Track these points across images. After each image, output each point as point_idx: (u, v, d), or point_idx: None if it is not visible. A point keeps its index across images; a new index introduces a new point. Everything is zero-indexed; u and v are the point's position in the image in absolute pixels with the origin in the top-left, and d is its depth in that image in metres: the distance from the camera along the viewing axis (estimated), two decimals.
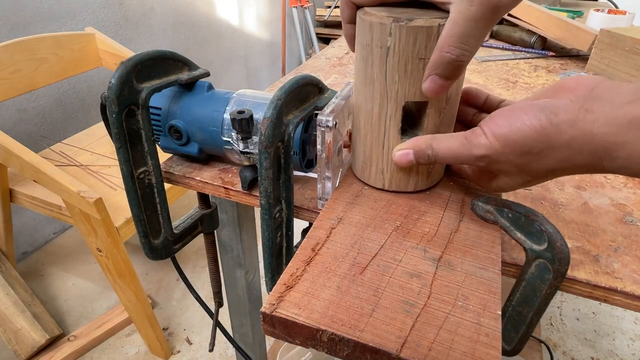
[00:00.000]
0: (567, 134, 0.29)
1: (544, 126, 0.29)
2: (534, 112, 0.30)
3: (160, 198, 0.46)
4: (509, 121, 0.31)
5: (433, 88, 0.33)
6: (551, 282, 0.31)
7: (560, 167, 0.31)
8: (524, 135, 0.30)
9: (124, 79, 0.38)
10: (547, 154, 0.30)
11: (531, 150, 0.30)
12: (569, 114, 0.29)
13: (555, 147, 0.29)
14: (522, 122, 0.30)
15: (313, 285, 0.29)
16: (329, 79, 0.80)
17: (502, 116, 0.31)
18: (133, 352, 1.26)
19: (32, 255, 1.59)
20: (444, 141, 0.34)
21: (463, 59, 0.31)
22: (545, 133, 0.29)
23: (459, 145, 0.33)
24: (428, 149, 0.35)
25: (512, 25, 1.07)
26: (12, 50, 1.11)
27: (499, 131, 0.31)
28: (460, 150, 0.33)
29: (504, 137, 0.31)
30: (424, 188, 0.40)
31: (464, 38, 0.30)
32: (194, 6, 2.12)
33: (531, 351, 1.05)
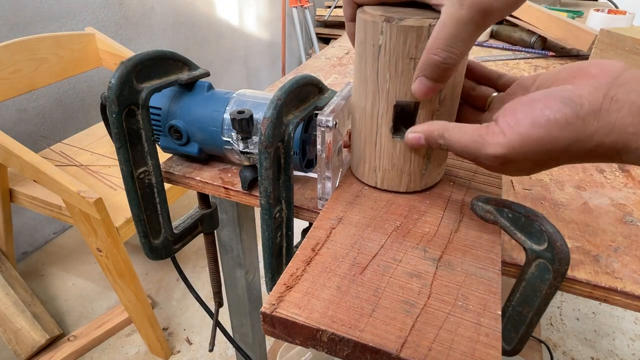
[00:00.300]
0: (592, 126, 0.27)
1: (569, 121, 0.27)
2: (558, 105, 0.28)
3: (160, 198, 0.46)
4: (531, 117, 0.28)
5: (421, 89, 0.33)
6: (551, 282, 0.31)
7: (580, 159, 0.29)
8: (548, 133, 0.28)
9: (124, 79, 0.38)
10: (570, 149, 0.28)
11: (555, 148, 0.28)
12: (594, 104, 0.27)
13: (579, 141, 0.28)
14: (546, 117, 0.28)
15: (313, 285, 0.29)
16: (329, 79, 0.80)
17: (522, 110, 0.29)
18: (133, 352, 1.26)
19: (32, 255, 1.59)
20: (457, 133, 0.33)
21: (450, 62, 0.31)
22: (571, 129, 0.27)
23: (471, 142, 0.32)
24: (440, 138, 0.34)
25: (512, 25, 1.07)
26: (12, 50, 1.11)
27: (519, 129, 0.29)
28: (472, 147, 0.32)
29: (525, 135, 0.29)
30: (417, 189, 0.40)
31: (452, 41, 0.30)
32: (194, 6, 2.12)
33: (531, 351, 1.05)
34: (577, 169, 0.53)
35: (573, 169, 0.53)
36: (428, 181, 0.40)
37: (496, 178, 0.43)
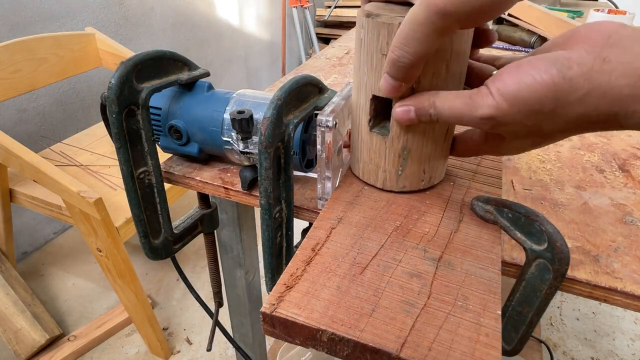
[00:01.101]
0: (582, 88, 0.26)
1: (555, 82, 0.26)
2: (544, 66, 0.27)
3: (160, 198, 0.46)
4: (517, 78, 0.28)
5: (384, 86, 0.33)
6: (551, 282, 0.31)
7: (574, 125, 0.28)
8: (533, 93, 0.27)
9: (124, 79, 0.38)
10: (560, 112, 0.27)
11: (542, 109, 0.28)
12: (583, 66, 0.26)
13: (569, 103, 0.27)
14: (531, 78, 0.27)
15: (313, 285, 0.29)
16: (329, 79, 0.80)
17: (509, 73, 0.29)
18: (133, 352, 1.26)
19: (32, 255, 1.59)
20: (448, 100, 0.32)
21: (404, 61, 0.30)
22: (558, 89, 0.27)
23: (462, 105, 0.31)
24: (430, 108, 0.32)
25: (512, 25, 1.07)
26: (12, 50, 1.11)
27: (506, 89, 0.28)
28: (464, 110, 0.31)
29: (512, 96, 0.28)
30: (394, 190, 0.40)
31: (406, 39, 0.29)
32: (194, 6, 2.12)
33: (531, 351, 1.05)
34: (577, 169, 0.53)
35: (573, 168, 0.53)
36: (406, 184, 0.39)
37: (496, 178, 0.43)
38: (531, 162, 0.54)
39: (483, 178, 0.43)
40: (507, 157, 0.55)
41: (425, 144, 0.37)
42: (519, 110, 0.28)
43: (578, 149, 0.58)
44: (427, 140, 0.37)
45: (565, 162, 0.54)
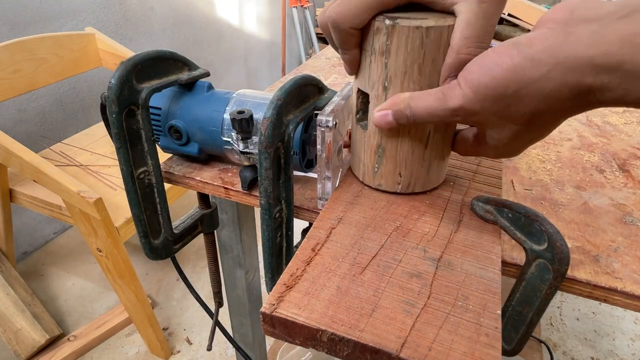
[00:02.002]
0: (546, 64, 0.25)
1: (515, 62, 0.26)
2: (505, 49, 0.27)
3: (160, 198, 0.46)
4: (480, 65, 0.28)
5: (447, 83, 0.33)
6: (551, 282, 0.31)
7: (546, 106, 0.27)
8: (494, 76, 0.27)
9: (124, 79, 0.38)
10: (525, 92, 0.27)
11: (505, 92, 0.27)
12: (545, 41, 0.25)
13: (532, 82, 0.26)
14: (493, 62, 0.27)
15: (313, 286, 0.29)
16: (329, 79, 0.80)
17: (474, 61, 0.29)
18: (133, 352, 1.26)
19: (32, 255, 1.59)
20: (422, 98, 0.32)
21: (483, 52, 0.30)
22: (519, 69, 0.26)
23: (435, 100, 0.31)
24: (406, 109, 0.32)
25: (513, 25, 1.07)
26: (12, 50, 1.11)
27: (470, 77, 0.29)
28: (436, 106, 0.31)
29: (475, 83, 0.28)
30: (371, 186, 0.40)
31: (482, 37, 0.30)
32: (194, 6, 2.12)
33: (531, 351, 1.05)
34: (577, 169, 0.53)
35: (573, 168, 0.53)
36: (382, 182, 0.39)
37: (496, 178, 0.43)
38: (531, 162, 0.54)
39: (483, 178, 0.43)
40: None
41: (401, 146, 0.37)
42: (484, 95, 0.28)
43: (578, 149, 0.58)
44: (402, 142, 0.37)
45: (565, 162, 0.54)
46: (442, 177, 0.41)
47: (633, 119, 0.67)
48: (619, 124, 0.65)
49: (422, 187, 0.40)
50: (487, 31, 0.30)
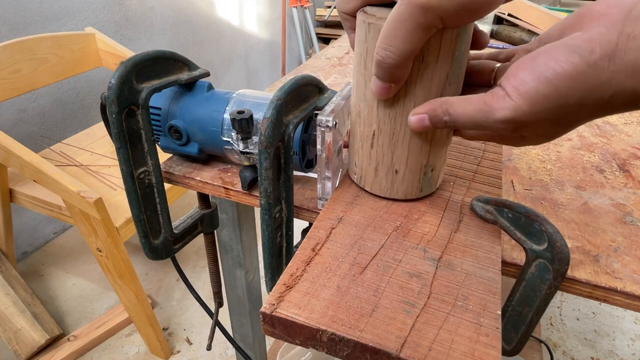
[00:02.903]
0: (607, 70, 0.24)
1: (579, 70, 0.24)
2: (564, 55, 0.25)
3: (160, 198, 0.46)
4: (535, 73, 0.26)
5: (374, 89, 0.32)
6: (551, 282, 0.31)
7: (600, 110, 0.26)
8: (556, 87, 0.25)
9: (124, 79, 0.38)
10: (586, 101, 0.25)
11: (567, 102, 0.25)
12: (606, 47, 0.24)
13: (595, 90, 0.25)
14: (552, 71, 0.25)
15: (313, 285, 0.29)
16: (329, 79, 0.80)
17: (525, 68, 0.27)
18: (133, 352, 1.26)
19: (32, 255, 1.59)
20: (461, 106, 0.30)
21: (388, 61, 0.29)
22: (583, 77, 0.24)
23: (477, 111, 0.29)
24: (444, 115, 0.31)
25: (512, 25, 1.07)
26: (12, 50, 1.11)
27: (525, 88, 0.26)
28: (479, 117, 0.29)
29: (532, 94, 0.26)
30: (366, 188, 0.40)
31: (389, 39, 0.28)
32: (194, 6, 2.12)
33: (531, 351, 1.05)
34: (577, 169, 0.53)
35: (573, 168, 0.53)
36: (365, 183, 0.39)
37: (496, 178, 0.43)
38: (531, 162, 0.54)
39: (483, 178, 0.43)
40: (507, 157, 0.55)
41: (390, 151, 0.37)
42: (543, 107, 0.26)
43: (578, 149, 0.58)
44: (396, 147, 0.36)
45: (565, 162, 0.54)
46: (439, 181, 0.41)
47: (633, 119, 0.67)
48: (619, 124, 0.65)
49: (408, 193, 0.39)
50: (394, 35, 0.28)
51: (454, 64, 0.32)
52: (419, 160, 0.37)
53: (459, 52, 0.32)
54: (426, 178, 0.38)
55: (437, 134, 0.36)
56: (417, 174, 0.37)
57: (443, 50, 0.31)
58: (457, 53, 0.32)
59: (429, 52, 0.31)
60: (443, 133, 0.36)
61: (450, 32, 0.30)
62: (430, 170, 0.38)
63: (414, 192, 0.38)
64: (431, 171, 0.38)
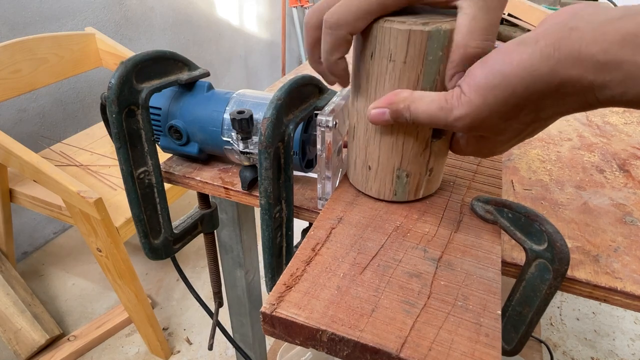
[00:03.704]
0: (553, 57, 0.25)
1: (525, 57, 0.26)
2: (512, 48, 0.26)
3: (160, 198, 0.46)
4: (485, 67, 0.27)
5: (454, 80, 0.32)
6: (551, 282, 0.31)
7: (549, 102, 0.27)
8: (505, 75, 0.26)
9: (124, 79, 0.38)
10: (535, 88, 0.26)
11: (515, 91, 0.26)
12: (550, 37, 0.25)
13: (542, 76, 0.25)
14: (500, 61, 0.27)
15: (313, 285, 0.29)
16: None
17: (477, 65, 0.28)
18: (133, 352, 1.26)
19: (32, 255, 1.59)
20: (423, 104, 0.31)
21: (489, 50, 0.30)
22: (529, 64, 0.25)
23: (437, 109, 0.30)
24: (406, 112, 0.31)
25: (512, 25, 1.07)
26: (12, 50, 1.11)
27: (475, 81, 0.27)
28: (439, 115, 0.30)
29: (482, 85, 0.27)
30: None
31: (489, 29, 0.29)
32: (194, 6, 2.12)
33: (531, 351, 1.05)
34: (577, 169, 0.53)
35: (573, 169, 0.53)
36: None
37: (496, 178, 0.43)
38: (531, 162, 0.54)
39: (483, 178, 0.43)
40: (507, 157, 0.55)
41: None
42: (494, 98, 0.27)
43: (578, 149, 0.58)
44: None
45: (565, 162, 0.54)
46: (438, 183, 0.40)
47: (633, 119, 0.67)
48: (619, 124, 0.65)
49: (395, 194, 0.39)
50: (492, 24, 0.29)
51: (426, 69, 0.32)
52: (390, 162, 0.36)
53: (433, 57, 0.31)
54: (400, 182, 0.37)
55: (411, 140, 0.35)
56: (389, 175, 0.37)
57: (411, 51, 0.31)
58: (430, 57, 0.31)
59: (396, 51, 0.31)
60: (418, 141, 0.35)
61: (420, 34, 0.30)
62: (405, 175, 0.37)
63: (387, 193, 0.38)
64: (406, 176, 0.37)
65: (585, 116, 0.68)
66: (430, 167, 0.37)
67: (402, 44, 0.31)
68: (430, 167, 0.37)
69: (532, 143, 0.59)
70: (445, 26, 0.30)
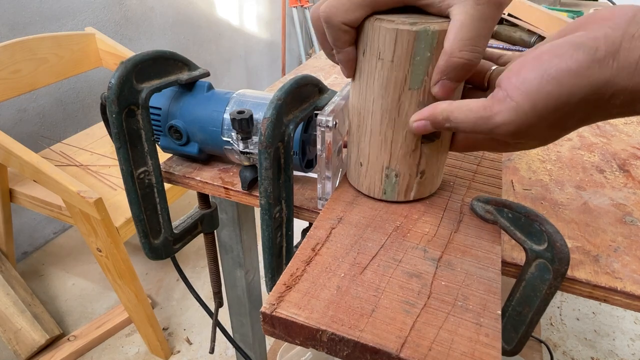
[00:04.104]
0: (611, 68, 0.24)
1: (584, 67, 0.24)
2: (568, 52, 0.24)
3: (160, 198, 0.46)
4: (539, 71, 0.25)
5: (444, 92, 0.32)
6: (551, 282, 0.31)
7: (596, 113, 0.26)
8: (561, 85, 0.24)
9: (124, 79, 0.38)
10: (587, 99, 0.25)
11: (569, 101, 0.25)
12: (610, 45, 0.24)
13: (597, 88, 0.24)
14: (555, 67, 0.25)
15: (313, 285, 0.29)
16: (329, 79, 0.80)
17: (527, 66, 0.26)
18: (133, 352, 1.26)
19: (32, 255, 1.59)
20: (463, 113, 0.30)
21: (476, 61, 0.29)
22: (587, 75, 0.24)
23: (478, 119, 0.28)
24: (446, 122, 0.31)
25: (512, 25, 1.07)
26: (12, 50, 1.11)
27: (527, 86, 0.25)
28: (481, 124, 0.28)
29: (534, 92, 0.25)
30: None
31: (476, 40, 0.28)
32: (194, 6, 2.12)
33: (531, 351, 1.05)
34: (577, 169, 0.53)
35: (573, 169, 0.53)
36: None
37: (496, 178, 0.43)
38: (531, 162, 0.54)
39: (483, 178, 0.43)
40: (507, 157, 0.55)
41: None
42: (544, 107, 0.25)
43: (578, 149, 0.58)
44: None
45: (565, 162, 0.54)
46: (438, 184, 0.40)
47: (633, 119, 0.67)
48: (619, 124, 0.65)
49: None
50: (481, 34, 0.28)
51: (414, 69, 0.32)
52: (380, 160, 0.37)
53: (420, 57, 0.31)
54: (389, 182, 0.37)
55: (400, 140, 0.35)
56: (379, 173, 0.37)
57: (399, 51, 0.31)
58: (417, 57, 0.31)
59: (384, 50, 0.31)
60: (406, 141, 0.35)
61: (407, 34, 0.30)
62: (394, 175, 0.37)
63: (376, 191, 0.38)
64: (395, 176, 0.37)
65: None
66: (421, 170, 0.37)
67: (390, 43, 0.31)
68: (421, 169, 0.37)
69: None
70: (434, 27, 0.30)
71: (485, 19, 0.28)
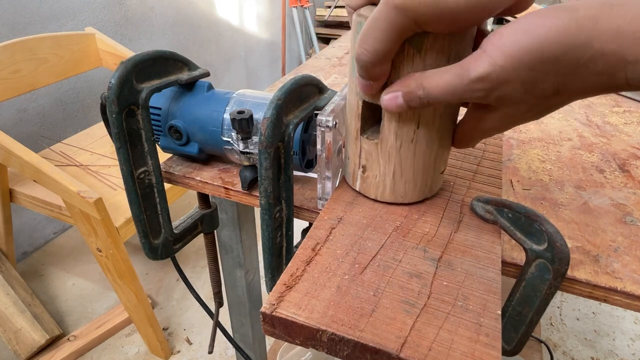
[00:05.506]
0: (590, 30, 0.24)
1: (565, 23, 0.24)
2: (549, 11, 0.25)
3: (160, 198, 0.46)
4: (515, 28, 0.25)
5: (360, 87, 0.32)
6: (551, 282, 0.31)
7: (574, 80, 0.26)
8: (537, 36, 0.24)
9: (124, 79, 0.38)
10: (562, 59, 0.25)
11: (543, 56, 0.25)
12: (590, 9, 0.24)
13: (575, 47, 0.24)
14: (534, 24, 0.25)
15: (313, 285, 0.29)
16: (329, 79, 0.80)
17: (507, 26, 0.26)
18: (133, 352, 1.26)
19: (32, 255, 1.59)
20: (437, 75, 0.29)
21: (363, 59, 0.29)
22: (566, 31, 0.24)
23: (452, 75, 0.28)
24: (419, 89, 0.29)
25: None
26: (12, 50, 1.11)
27: (502, 41, 0.26)
28: (455, 81, 0.28)
29: (509, 46, 0.25)
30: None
31: (364, 37, 0.29)
32: (194, 6, 2.12)
33: (531, 351, 1.05)
34: (577, 169, 0.53)
35: (573, 168, 0.53)
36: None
37: (496, 178, 0.43)
38: (531, 162, 0.54)
39: (483, 178, 0.43)
40: (507, 157, 0.55)
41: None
42: (519, 61, 0.25)
43: (578, 149, 0.58)
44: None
45: (565, 162, 0.54)
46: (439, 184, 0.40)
47: (633, 119, 0.67)
48: (619, 124, 0.65)
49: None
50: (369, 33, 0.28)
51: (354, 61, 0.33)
52: (349, 147, 0.39)
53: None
54: (357, 171, 0.39)
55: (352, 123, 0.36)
56: (352, 160, 0.39)
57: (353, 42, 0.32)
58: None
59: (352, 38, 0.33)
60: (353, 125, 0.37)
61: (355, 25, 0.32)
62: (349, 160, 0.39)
63: (351, 180, 0.40)
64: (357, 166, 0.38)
65: (585, 116, 0.68)
66: (362, 164, 0.37)
67: (354, 35, 0.32)
68: (362, 163, 0.37)
69: (532, 143, 0.59)
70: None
71: (377, 19, 0.28)
